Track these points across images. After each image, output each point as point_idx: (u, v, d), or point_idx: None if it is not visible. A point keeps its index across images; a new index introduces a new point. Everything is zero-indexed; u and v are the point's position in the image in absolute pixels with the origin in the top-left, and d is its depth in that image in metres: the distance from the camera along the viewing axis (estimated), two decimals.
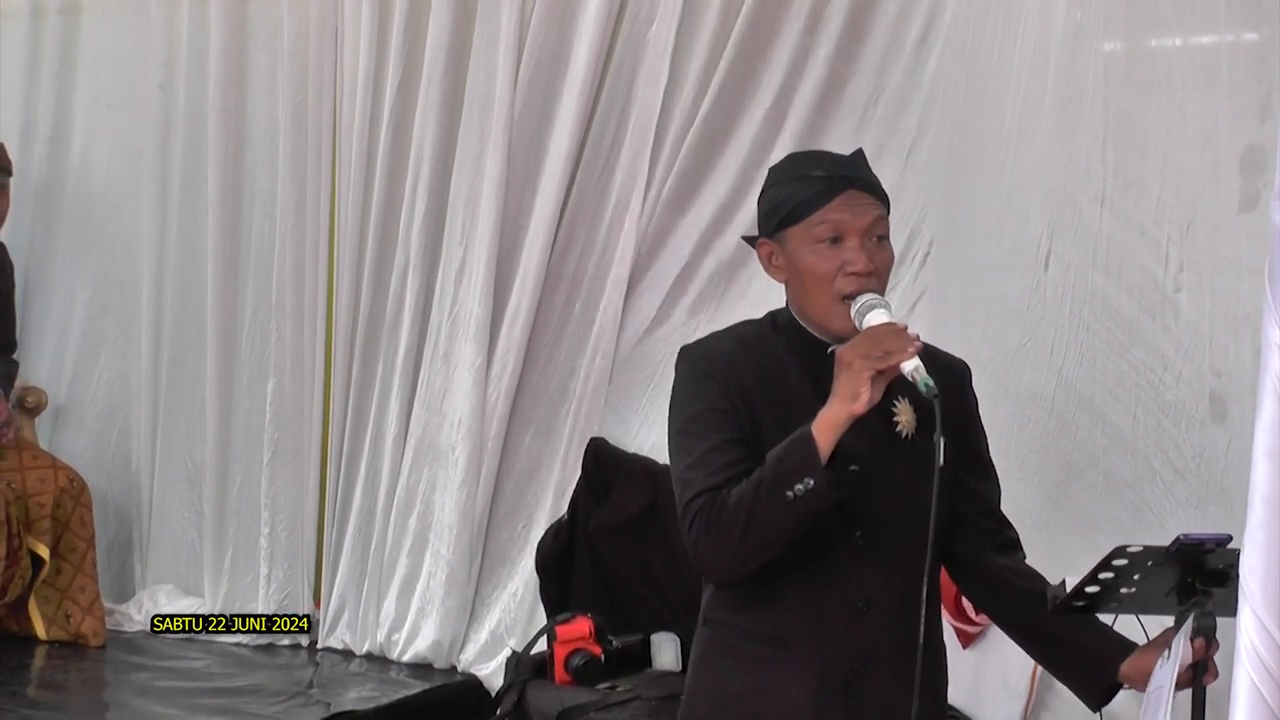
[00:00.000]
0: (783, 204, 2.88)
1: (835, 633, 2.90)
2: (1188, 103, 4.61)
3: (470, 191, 5.68)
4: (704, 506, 2.79)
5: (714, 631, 3.01)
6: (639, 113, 5.47)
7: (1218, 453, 4.49)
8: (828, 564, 2.87)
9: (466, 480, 5.68)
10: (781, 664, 2.91)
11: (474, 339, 5.66)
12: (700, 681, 3.05)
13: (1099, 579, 3.17)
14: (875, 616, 2.90)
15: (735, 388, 2.89)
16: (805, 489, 2.70)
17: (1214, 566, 3.26)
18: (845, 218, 2.86)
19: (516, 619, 5.70)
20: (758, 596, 2.89)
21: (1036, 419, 4.84)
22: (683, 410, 2.93)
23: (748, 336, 3.02)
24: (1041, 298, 4.84)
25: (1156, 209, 4.65)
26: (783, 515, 2.73)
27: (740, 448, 2.84)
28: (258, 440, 6.12)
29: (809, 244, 2.87)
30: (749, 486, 2.75)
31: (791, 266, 2.91)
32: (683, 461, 2.88)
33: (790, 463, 2.72)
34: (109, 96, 6.55)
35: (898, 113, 5.15)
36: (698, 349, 3.02)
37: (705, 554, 2.83)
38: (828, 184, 2.86)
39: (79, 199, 6.62)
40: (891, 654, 2.89)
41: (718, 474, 2.80)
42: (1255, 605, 1.96)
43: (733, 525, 2.76)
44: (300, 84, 6.02)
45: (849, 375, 2.72)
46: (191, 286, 6.29)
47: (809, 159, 2.95)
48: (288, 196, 6.03)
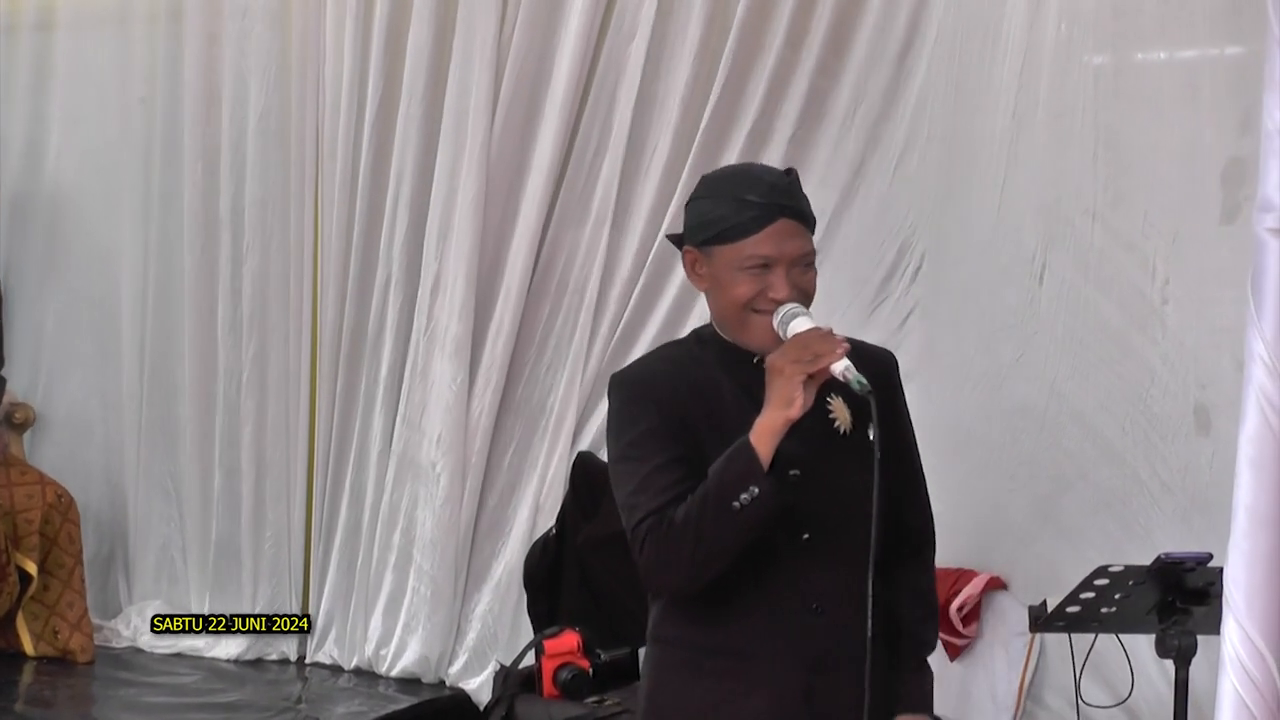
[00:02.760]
0: (714, 222, 2.88)
1: (792, 638, 2.91)
2: (1173, 116, 4.63)
3: (445, 207, 5.67)
4: (652, 527, 2.81)
5: (666, 649, 3.02)
6: (620, 127, 5.47)
7: (1202, 464, 4.51)
8: (778, 569, 2.88)
9: (450, 497, 5.68)
10: (740, 675, 2.92)
11: (452, 355, 5.66)
12: (658, 700, 3.03)
13: (1080, 598, 3.19)
14: (831, 616, 2.91)
15: (672, 407, 2.91)
16: (751, 498, 2.73)
17: (1194, 585, 3.29)
18: (773, 251, 2.87)
19: (502, 634, 5.69)
20: (710, 609, 2.91)
21: (1028, 432, 4.86)
22: (621, 437, 2.95)
23: (677, 356, 3.04)
24: (1036, 312, 4.86)
25: (1144, 222, 4.68)
26: (731, 526, 2.76)
27: (682, 466, 2.86)
28: (242, 455, 6.10)
29: (734, 267, 2.88)
30: (695, 501, 2.78)
31: (714, 281, 2.92)
32: (627, 487, 2.90)
33: (733, 473, 2.75)
34: (79, 111, 6.53)
35: (882, 126, 5.15)
36: (629, 374, 3.03)
37: (658, 573, 2.87)
38: (762, 211, 2.86)
39: (51, 213, 6.61)
40: (850, 653, 2.89)
41: (662, 494, 2.82)
42: (1239, 615, 1.96)
43: (683, 541, 2.79)
44: (283, 100, 6.01)
45: (781, 381, 2.75)
46: (172, 301, 6.28)
47: (745, 180, 2.92)
48: (272, 211, 6.03)
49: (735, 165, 3.14)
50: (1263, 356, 1.99)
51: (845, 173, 5.19)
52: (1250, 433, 1.98)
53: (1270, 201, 2.02)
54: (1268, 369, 1.98)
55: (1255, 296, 2.00)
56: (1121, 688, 3.58)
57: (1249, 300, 2.02)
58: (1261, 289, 2.00)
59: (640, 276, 5.48)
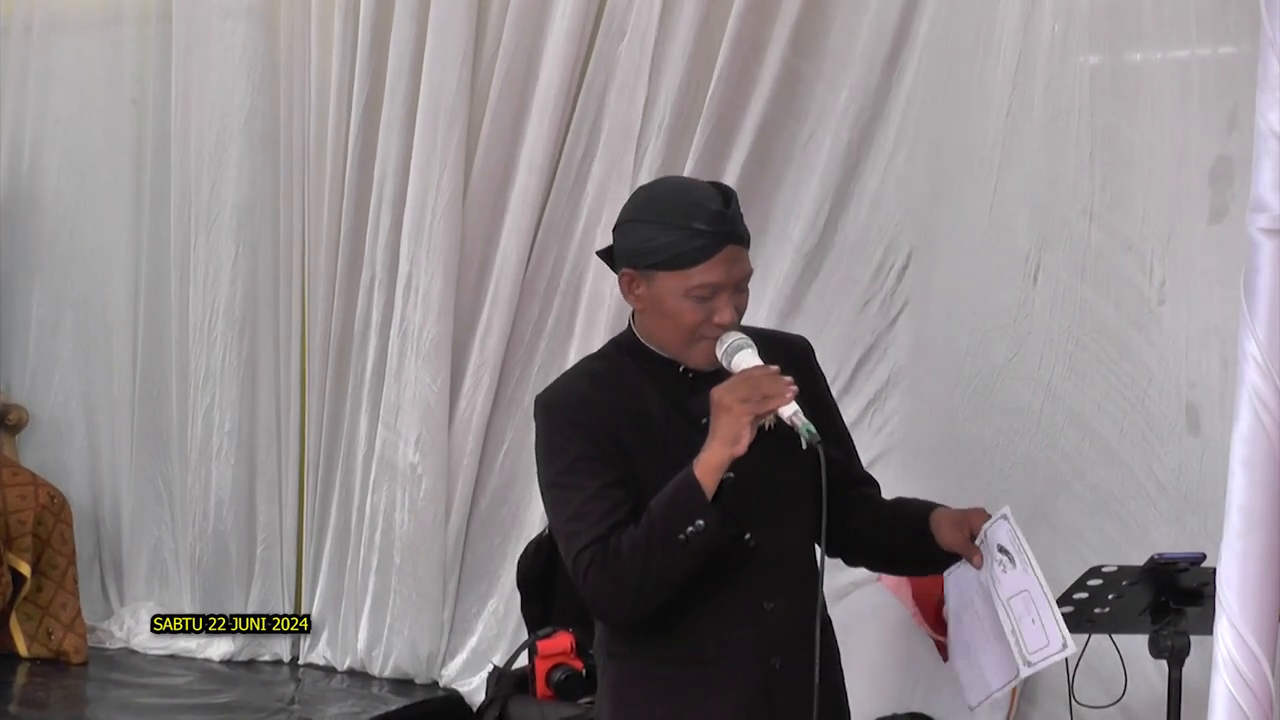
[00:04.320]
0: (659, 249, 2.88)
1: (746, 638, 2.95)
2: (1167, 116, 4.64)
3: (419, 208, 5.65)
4: (595, 557, 2.83)
5: (621, 663, 3.03)
6: (611, 127, 5.45)
7: (1193, 464, 4.51)
8: (725, 573, 2.91)
9: (433, 498, 5.67)
10: (699, 680, 2.96)
11: (428, 357, 5.64)
12: (621, 714, 3.04)
13: (1074, 599, 3.19)
14: (780, 611, 2.97)
15: (601, 429, 2.92)
16: (696, 530, 2.77)
17: (1188, 585, 3.29)
18: (721, 278, 2.88)
19: (498, 635, 5.69)
20: (662, 620, 2.92)
21: (1023, 432, 4.86)
22: (552, 463, 2.96)
23: (599, 372, 3.04)
24: (1030, 311, 4.86)
25: (1141, 222, 4.68)
26: (677, 557, 2.80)
27: (618, 489, 2.88)
28: (233, 457, 6.09)
29: (680, 294, 2.89)
30: (641, 533, 2.81)
31: (655, 303, 2.93)
32: (563, 514, 2.91)
33: (678, 507, 2.79)
34: (66, 112, 6.52)
35: (875, 125, 5.14)
36: (552, 397, 3.04)
37: (603, 602, 2.89)
38: (710, 241, 2.87)
39: (38, 214, 6.59)
40: (799, 641, 2.95)
41: (601, 522, 2.85)
42: (1232, 616, 1.96)
43: (630, 572, 2.81)
44: (270, 101, 6.00)
45: (730, 420, 2.78)
46: (162, 303, 6.27)
47: (690, 208, 2.89)
48: (261, 212, 6.03)
49: (671, 185, 3.10)
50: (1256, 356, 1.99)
51: (838, 172, 5.18)
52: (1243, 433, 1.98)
53: (1263, 202, 2.02)
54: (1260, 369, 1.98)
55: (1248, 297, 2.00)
56: (1115, 688, 3.57)
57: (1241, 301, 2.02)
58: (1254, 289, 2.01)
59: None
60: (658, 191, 3.03)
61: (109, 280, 6.44)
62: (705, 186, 2.99)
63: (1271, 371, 1.97)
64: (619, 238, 2.98)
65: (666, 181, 3.33)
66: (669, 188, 3.09)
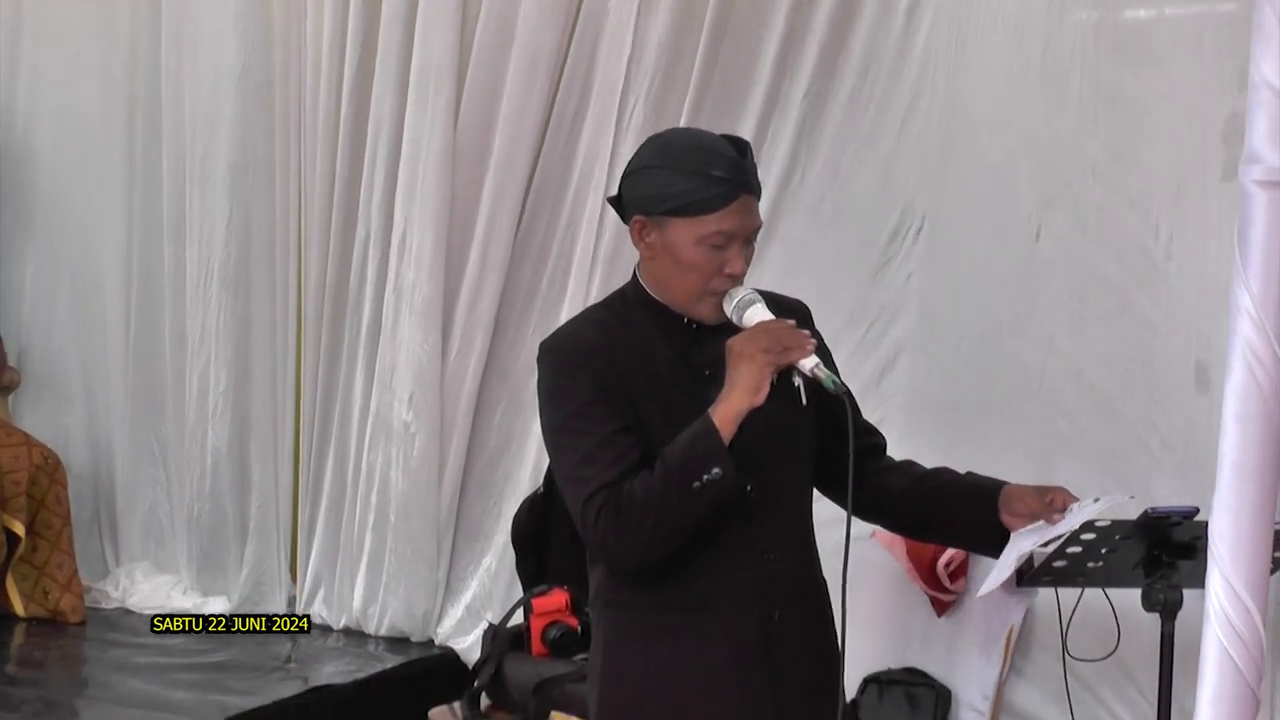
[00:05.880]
0: (675, 195, 2.87)
1: (746, 587, 2.95)
2: (1175, 73, 4.62)
3: (412, 166, 5.64)
4: (607, 502, 2.82)
5: (619, 611, 3.02)
6: (601, 84, 5.43)
7: (1201, 422, 4.51)
8: (727, 523, 2.91)
9: (427, 457, 5.67)
10: (697, 629, 2.95)
11: (420, 315, 5.64)
12: (616, 662, 3.03)
13: (1067, 553, 3.20)
14: (781, 561, 2.98)
15: (607, 375, 2.92)
16: (712, 479, 2.78)
17: (1181, 539, 3.29)
18: (736, 226, 2.89)
19: (492, 593, 5.71)
20: (664, 569, 2.92)
21: (1026, 390, 4.86)
22: (559, 408, 2.95)
23: (605, 320, 3.04)
24: (1033, 270, 4.85)
25: (1147, 179, 4.67)
26: (691, 504, 2.80)
27: (625, 436, 2.88)
28: (228, 416, 6.08)
29: (694, 242, 2.89)
30: (657, 480, 2.80)
31: (667, 251, 2.92)
32: (570, 459, 2.91)
33: (696, 454, 2.79)
34: (56, 72, 6.49)
35: (891, 85, 5.10)
36: (559, 342, 3.04)
37: (615, 547, 2.88)
38: (726, 189, 2.87)
39: (29, 174, 6.57)
40: (798, 593, 3.00)
41: (612, 468, 2.84)
42: (1224, 569, 1.96)
43: (643, 518, 2.81)
44: (264, 58, 5.97)
45: (751, 369, 2.79)
46: (156, 263, 6.26)
47: (707, 155, 2.90)
48: (255, 170, 6.00)
49: (687, 134, 3.12)
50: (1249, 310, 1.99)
51: (856, 133, 5.14)
52: (1236, 387, 1.98)
53: (1257, 153, 2.01)
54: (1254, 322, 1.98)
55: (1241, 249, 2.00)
56: (1109, 641, 3.58)
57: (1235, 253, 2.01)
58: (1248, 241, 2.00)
59: (622, 235, 5.44)
60: (672, 139, 3.03)
61: (102, 241, 6.43)
62: (720, 137, 2.99)
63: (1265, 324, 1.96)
64: (631, 185, 2.97)
65: (680, 131, 3.34)
66: (684, 136, 3.11)
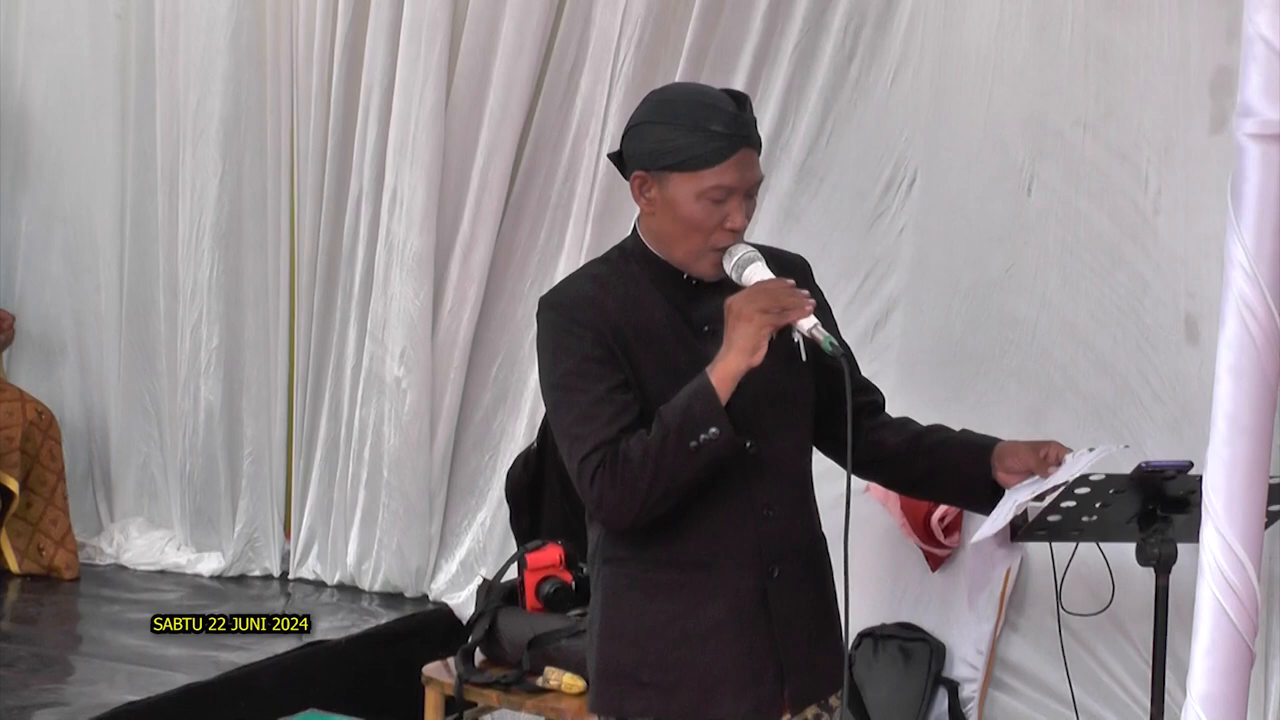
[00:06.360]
0: (675, 150, 2.88)
1: (746, 544, 2.97)
2: (1164, 26, 4.61)
3: (405, 121, 5.62)
4: (605, 460, 2.83)
5: (619, 568, 3.03)
6: (598, 38, 5.41)
7: (1191, 374, 4.52)
8: (727, 480, 2.92)
9: (418, 413, 5.68)
10: (697, 585, 2.97)
11: (412, 270, 5.63)
12: (615, 619, 3.04)
13: (1061, 507, 3.20)
14: (780, 520, 2.99)
15: (606, 330, 2.92)
16: (709, 438, 2.79)
17: (1175, 493, 3.29)
18: (735, 180, 2.89)
19: (486, 548, 5.71)
20: (663, 526, 2.92)
21: (1018, 343, 4.87)
22: (557, 364, 2.95)
23: (604, 275, 3.03)
24: (1025, 223, 4.85)
25: (1137, 133, 4.67)
26: (689, 463, 2.81)
27: (624, 393, 2.89)
28: (221, 372, 6.06)
29: (694, 196, 2.89)
30: (654, 439, 2.81)
31: (667, 206, 2.92)
32: (568, 416, 2.91)
33: (694, 414, 2.79)
34: (50, 27, 6.45)
35: (879, 38, 5.09)
36: (559, 297, 3.04)
37: (611, 506, 2.87)
38: (726, 143, 2.88)
39: (22, 129, 6.53)
40: (796, 550, 3.02)
41: (609, 426, 2.85)
42: (1218, 522, 1.96)
43: (640, 477, 2.82)
44: (257, 13, 5.93)
45: (749, 329, 2.80)
46: (148, 218, 6.24)
47: (706, 109, 2.90)
48: (247, 126, 5.97)
49: (686, 89, 3.11)
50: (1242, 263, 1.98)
51: (846, 87, 5.14)
52: (1230, 339, 1.97)
53: (1250, 106, 2.00)
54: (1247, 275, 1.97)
55: (1235, 203, 1.99)
56: (1103, 595, 3.59)
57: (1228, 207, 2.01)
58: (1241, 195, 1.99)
59: (618, 188, 5.43)
60: (672, 95, 3.03)
61: (95, 196, 6.40)
62: (719, 91, 3.00)
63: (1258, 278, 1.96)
64: (631, 140, 2.97)
65: (680, 86, 3.32)
66: (684, 91, 3.10)
